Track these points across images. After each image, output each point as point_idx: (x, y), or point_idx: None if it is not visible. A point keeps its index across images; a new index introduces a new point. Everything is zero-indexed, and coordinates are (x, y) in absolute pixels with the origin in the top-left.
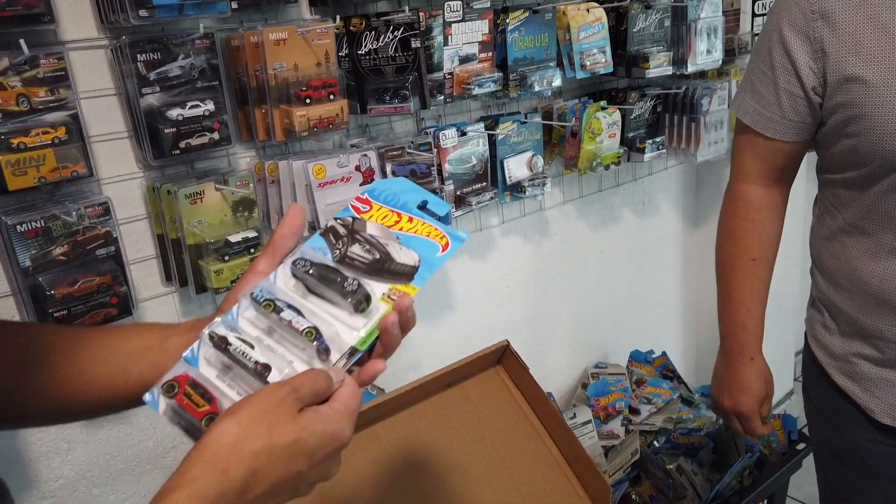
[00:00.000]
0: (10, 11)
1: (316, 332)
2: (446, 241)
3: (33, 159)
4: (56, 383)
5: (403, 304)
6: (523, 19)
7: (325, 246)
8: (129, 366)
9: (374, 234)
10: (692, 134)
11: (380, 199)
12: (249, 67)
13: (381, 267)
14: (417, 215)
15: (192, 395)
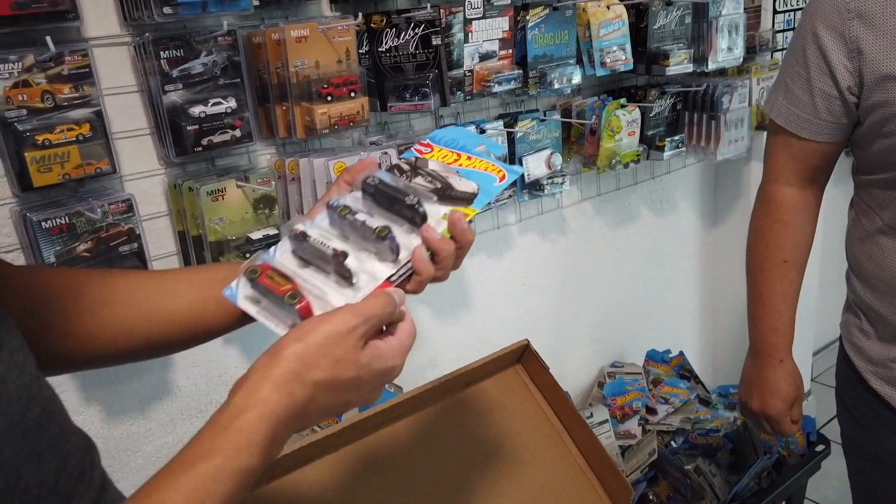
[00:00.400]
0: (36, 9)
1: (388, 230)
2: (503, 174)
3: (58, 156)
4: (142, 319)
5: (454, 217)
6: (543, 16)
7: (391, 177)
8: (208, 294)
9: (436, 168)
10: (712, 132)
11: (440, 143)
12: (271, 65)
13: (442, 194)
14: (476, 154)
15: (274, 277)
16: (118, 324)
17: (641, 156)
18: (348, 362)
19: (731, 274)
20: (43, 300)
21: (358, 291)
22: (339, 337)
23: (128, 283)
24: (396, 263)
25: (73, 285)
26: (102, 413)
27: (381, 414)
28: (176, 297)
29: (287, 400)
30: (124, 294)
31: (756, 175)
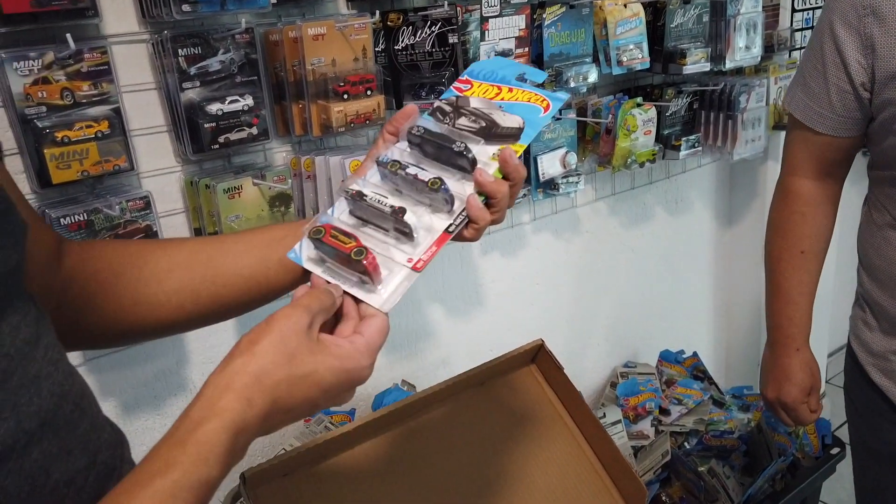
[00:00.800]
0: (56, 6)
1: (441, 181)
2: (547, 103)
3: (77, 153)
4: (207, 283)
5: (505, 155)
6: (560, 14)
7: (432, 122)
8: (269, 253)
9: (478, 106)
10: (729, 131)
11: (479, 78)
12: (288, 62)
13: (488, 132)
14: (517, 85)
15: (338, 236)
16: (184, 289)
17: (657, 155)
18: (303, 355)
19: (746, 274)
20: (110, 272)
21: (417, 246)
22: (290, 332)
23: (188, 249)
24: (451, 214)
25: (136, 255)
26: (118, 408)
27: (393, 413)
28: (238, 259)
29: (247, 407)
30: (186, 260)
31: (772, 175)
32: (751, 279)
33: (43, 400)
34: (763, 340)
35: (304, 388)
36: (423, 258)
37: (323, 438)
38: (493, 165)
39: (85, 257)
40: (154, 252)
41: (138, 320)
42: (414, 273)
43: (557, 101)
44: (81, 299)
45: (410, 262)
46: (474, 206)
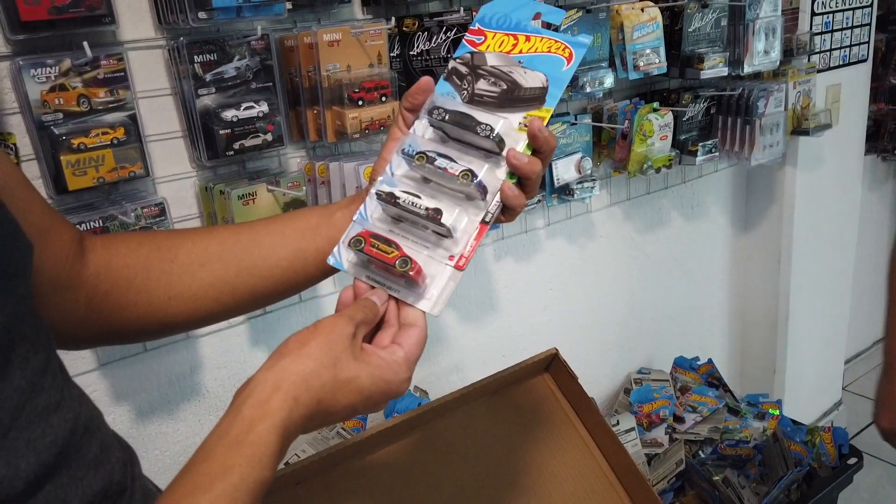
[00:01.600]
0: (73, 13)
1: (471, 173)
2: (569, 52)
3: (93, 159)
4: (244, 275)
5: (534, 128)
6: (576, 19)
7: (451, 90)
8: (304, 245)
9: (496, 63)
10: (746, 137)
11: (492, 25)
12: (303, 68)
13: (510, 97)
14: (533, 32)
15: (379, 245)
16: (220, 283)
17: (673, 161)
18: (347, 361)
19: (762, 281)
20: (139, 266)
21: (457, 243)
22: (336, 338)
23: (219, 241)
24: (486, 203)
25: (165, 248)
26: (131, 413)
27: (407, 421)
28: (274, 251)
29: (294, 406)
30: (219, 253)
31: (791, 180)
32: (767, 285)
33: (56, 430)
34: (779, 347)
35: (347, 393)
36: (466, 255)
37: (335, 448)
38: (521, 139)
39: (112, 252)
40: (184, 244)
41: (175, 314)
42: (458, 272)
43: (580, 47)
44: (114, 294)
45: (452, 260)
46: (510, 195)
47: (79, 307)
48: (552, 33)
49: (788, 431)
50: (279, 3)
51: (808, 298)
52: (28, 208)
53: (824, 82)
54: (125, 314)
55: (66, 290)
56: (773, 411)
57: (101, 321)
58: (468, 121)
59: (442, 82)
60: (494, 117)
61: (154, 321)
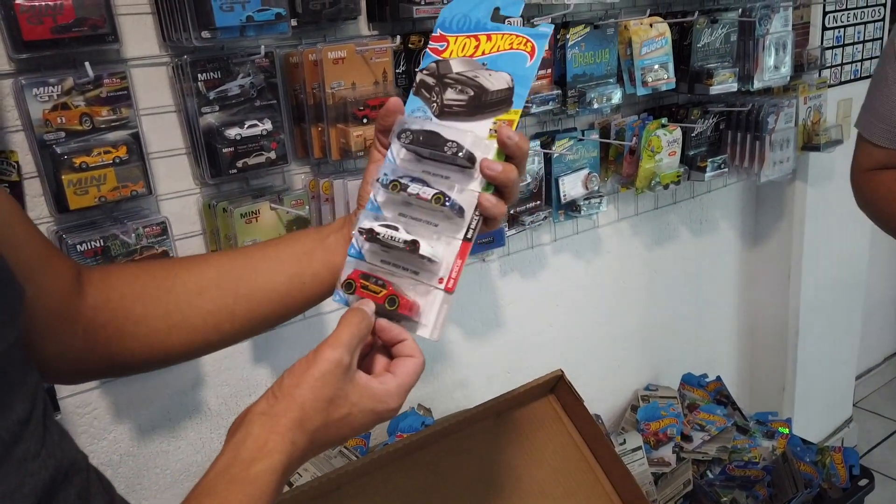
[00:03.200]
0: (76, 32)
1: (443, 196)
2: (531, 46)
3: (94, 179)
4: (242, 302)
5: (503, 136)
6: (584, 35)
7: (422, 105)
8: (300, 269)
9: (461, 69)
10: (756, 152)
11: (453, 29)
12: (307, 85)
13: (478, 103)
14: (493, 29)
15: (369, 286)
16: (218, 310)
17: (682, 176)
18: (341, 400)
19: (772, 297)
20: (135, 298)
21: (442, 267)
22: (330, 375)
23: (215, 268)
24: (464, 219)
25: (161, 277)
26: (133, 431)
27: (410, 444)
28: (270, 276)
29: (291, 448)
30: (216, 280)
31: (801, 195)
32: (776, 301)
33: (35, 480)
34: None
35: (339, 429)
36: (453, 276)
37: (339, 470)
38: (493, 146)
39: (110, 283)
40: (180, 273)
41: (175, 343)
42: (449, 294)
43: (541, 37)
44: (112, 325)
45: (442, 283)
46: (488, 205)
47: (76, 340)
48: (512, 28)
49: (798, 451)
50: (283, 22)
51: (818, 314)
52: (26, 243)
53: (835, 97)
54: (124, 345)
55: (64, 324)
56: (783, 430)
57: (99, 354)
58: (436, 140)
59: (412, 97)
60: (461, 132)
61: (154, 352)
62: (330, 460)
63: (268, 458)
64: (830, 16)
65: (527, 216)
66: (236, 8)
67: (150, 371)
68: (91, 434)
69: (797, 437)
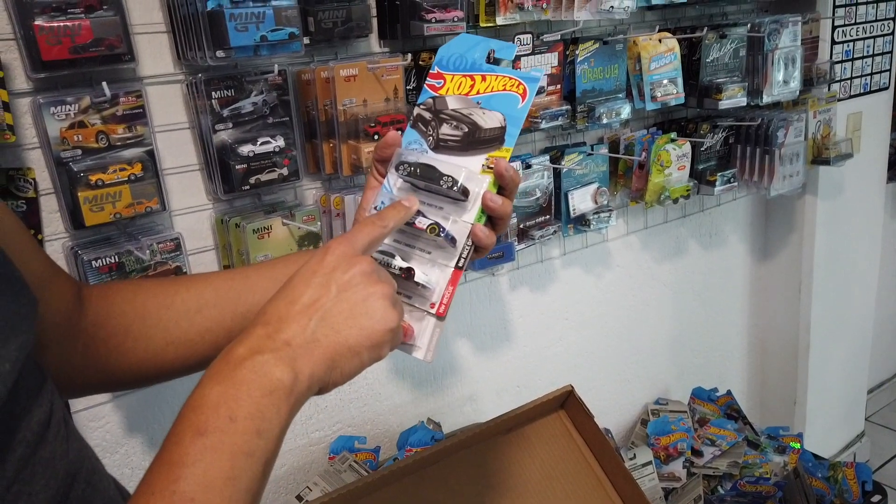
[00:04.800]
0: (94, 52)
1: (438, 227)
2: (523, 88)
3: (110, 195)
4: (239, 319)
5: (500, 168)
6: (593, 50)
7: (418, 137)
8: None
9: (457, 106)
10: (766, 167)
11: (450, 68)
12: (319, 102)
13: (472, 139)
14: (489, 70)
15: None
16: (217, 327)
17: (691, 191)
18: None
19: (783, 310)
20: (135, 314)
21: (434, 293)
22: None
23: (214, 287)
24: (457, 248)
25: (161, 294)
26: (144, 444)
27: (420, 459)
28: (268, 294)
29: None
30: (214, 298)
31: (811, 209)
32: (787, 315)
33: (58, 482)
34: (799, 377)
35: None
36: (444, 302)
37: (349, 486)
38: (485, 180)
39: (110, 300)
40: (178, 291)
41: (172, 359)
42: (440, 320)
43: (532, 81)
44: (112, 341)
45: (434, 308)
46: (482, 236)
47: (76, 355)
48: (506, 70)
49: (810, 467)
50: (296, 41)
51: (829, 328)
52: (29, 260)
53: (845, 111)
54: (123, 360)
55: (65, 339)
56: (794, 445)
57: (98, 368)
58: (432, 173)
59: (409, 130)
60: (456, 167)
61: (152, 367)
62: (340, 475)
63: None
64: (839, 30)
65: (536, 230)
66: (250, 28)
67: (148, 386)
68: (103, 447)
69: (809, 452)
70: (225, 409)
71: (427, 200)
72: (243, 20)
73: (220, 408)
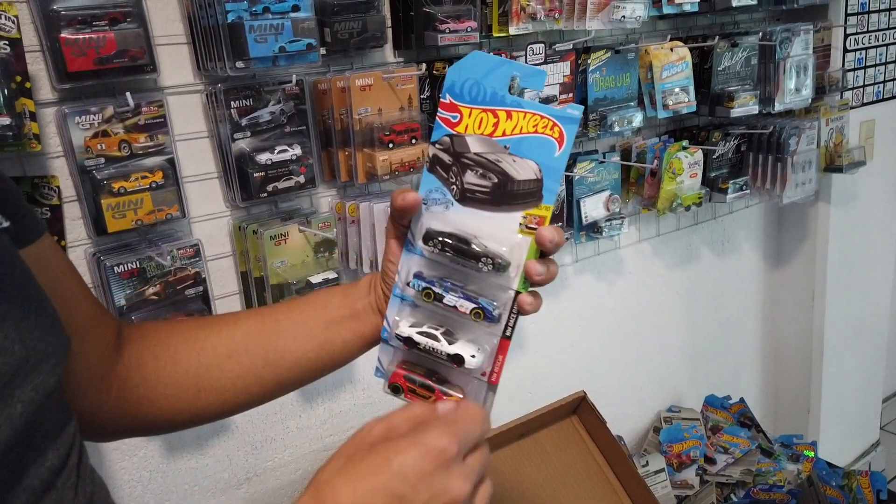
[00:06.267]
0: (117, 63)
1: (482, 311)
2: (558, 131)
3: (132, 203)
4: (270, 367)
5: (543, 239)
6: (605, 59)
7: (439, 185)
8: (330, 336)
9: (480, 150)
10: (778, 174)
11: (465, 98)
12: (335, 111)
13: (504, 192)
14: (513, 105)
15: (416, 390)
16: (248, 374)
17: (704, 198)
18: (356, 456)
19: (796, 318)
20: (169, 359)
21: (485, 359)
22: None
23: (246, 331)
24: (501, 321)
25: (192, 341)
26: (162, 449)
27: None
28: (299, 344)
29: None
30: (244, 344)
31: (824, 217)
32: (801, 322)
33: None
34: (813, 385)
35: (359, 478)
36: (496, 370)
37: None
38: (524, 244)
39: (144, 343)
40: (209, 336)
41: (204, 406)
42: (492, 387)
43: (571, 122)
44: (143, 387)
45: (485, 376)
46: (527, 307)
47: (109, 399)
48: (536, 105)
49: (824, 475)
50: (313, 52)
51: (843, 335)
52: (78, 301)
53: (858, 118)
54: (155, 406)
55: (100, 382)
56: (808, 453)
57: (130, 414)
58: (467, 251)
59: (427, 175)
60: (495, 244)
61: (184, 413)
62: None
63: None
64: (852, 38)
65: None
66: (269, 39)
67: (178, 430)
68: (122, 451)
69: (823, 460)
70: None
71: (463, 266)
72: (262, 32)
73: None
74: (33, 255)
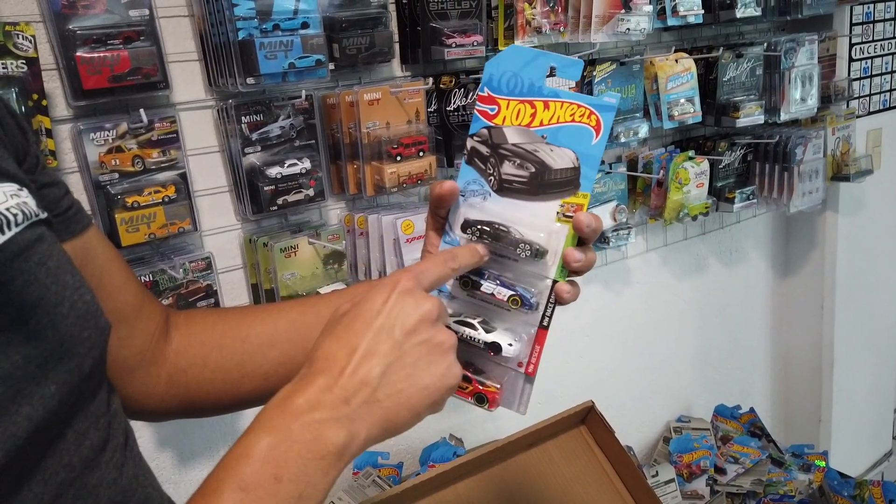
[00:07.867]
0: (131, 80)
1: (520, 298)
2: (595, 119)
3: (145, 217)
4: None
5: (580, 225)
6: (611, 71)
7: (477, 176)
8: None
9: (518, 140)
10: (785, 183)
11: (503, 90)
12: (344, 124)
13: (541, 181)
14: (550, 95)
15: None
16: (290, 362)
17: (710, 208)
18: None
19: (805, 327)
20: (214, 344)
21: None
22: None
23: (289, 321)
24: (538, 310)
25: (237, 329)
26: (175, 459)
27: (442, 475)
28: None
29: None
30: (286, 333)
31: (832, 226)
32: (810, 332)
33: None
34: (824, 395)
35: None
36: (533, 361)
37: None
38: (562, 232)
39: (192, 329)
40: (253, 324)
41: (248, 391)
42: (530, 378)
43: (608, 110)
44: (192, 371)
45: (522, 367)
46: (567, 296)
47: (160, 382)
48: (573, 95)
49: (835, 485)
50: (322, 67)
51: (853, 344)
52: (125, 288)
53: (864, 127)
54: (201, 390)
55: (151, 366)
56: (819, 463)
57: (179, 396)
58: (505, 238)
59: (465, 167)
60: (532, 231)
61: (228, 397)
62: (364, 489)
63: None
64: (857, 47)
65: None
66: (279, 56)
67: (224, 413)
68: None
69: (834, 470)
70: (272, 468)
71: (500, 253)
72: (273, 48)
73: (267, 464)
74: (79, 246)
